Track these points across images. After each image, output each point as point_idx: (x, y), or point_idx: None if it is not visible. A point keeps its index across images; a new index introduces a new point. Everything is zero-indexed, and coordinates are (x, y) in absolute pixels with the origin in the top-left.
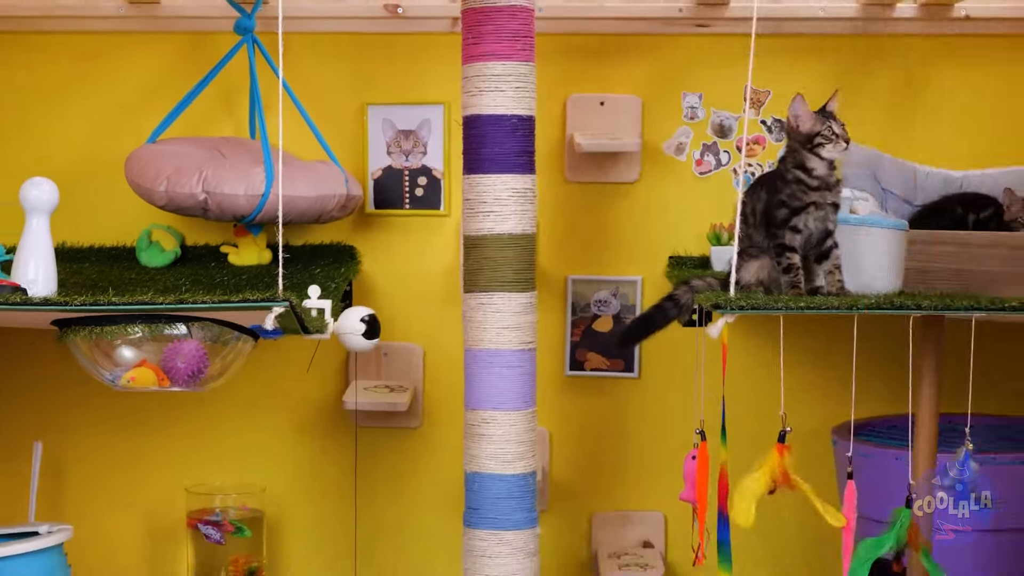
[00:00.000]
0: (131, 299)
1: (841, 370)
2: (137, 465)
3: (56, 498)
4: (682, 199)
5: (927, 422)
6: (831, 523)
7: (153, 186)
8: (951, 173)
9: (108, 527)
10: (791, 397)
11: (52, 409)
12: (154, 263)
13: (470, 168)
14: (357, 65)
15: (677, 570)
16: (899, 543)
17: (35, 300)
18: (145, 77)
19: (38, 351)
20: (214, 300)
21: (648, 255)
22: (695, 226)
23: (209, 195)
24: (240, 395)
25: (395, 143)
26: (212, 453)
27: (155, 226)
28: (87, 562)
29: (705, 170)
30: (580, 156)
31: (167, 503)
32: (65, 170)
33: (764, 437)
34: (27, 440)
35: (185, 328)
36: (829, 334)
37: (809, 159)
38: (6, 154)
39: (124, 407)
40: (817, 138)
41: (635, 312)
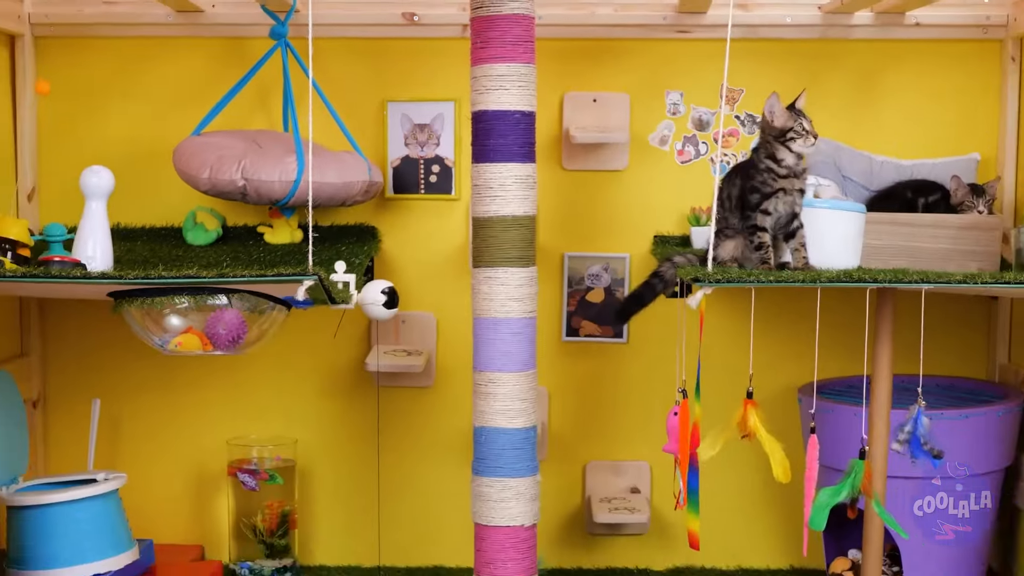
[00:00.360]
0: (178, 273)
1: (805, 336)
2: (183, 420)
3: (112, 449)
4: (665, 185)
5: (882, 382)
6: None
7: (198, 173)
8: (902, 162)
9: (158, 475)
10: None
11: (108, 371)
12: (198, 241)
13: (478, 157)
14: (378, 66)
15: (661, 513)
16: (854, 491)
17: (93, 274)
18: (190, 77)
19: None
20: (251, 274)
21: (635, 234)
22: (677, 209)
23: (247, 181)
24: (275, 358)
25: (412, 135)
26: (250, 410)
27: (199, 209)
28: (140, 506)
29: (686, 159)
30: (575, 147)
31: (210, 454)
32: (120, 159)
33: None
34: (86, 398)
35: (226, 299)
36: (795, 305)
37: (780, 151)
38: (68, 145)
39: (172, 369)
40: (790, 133)
41: (624, 285)
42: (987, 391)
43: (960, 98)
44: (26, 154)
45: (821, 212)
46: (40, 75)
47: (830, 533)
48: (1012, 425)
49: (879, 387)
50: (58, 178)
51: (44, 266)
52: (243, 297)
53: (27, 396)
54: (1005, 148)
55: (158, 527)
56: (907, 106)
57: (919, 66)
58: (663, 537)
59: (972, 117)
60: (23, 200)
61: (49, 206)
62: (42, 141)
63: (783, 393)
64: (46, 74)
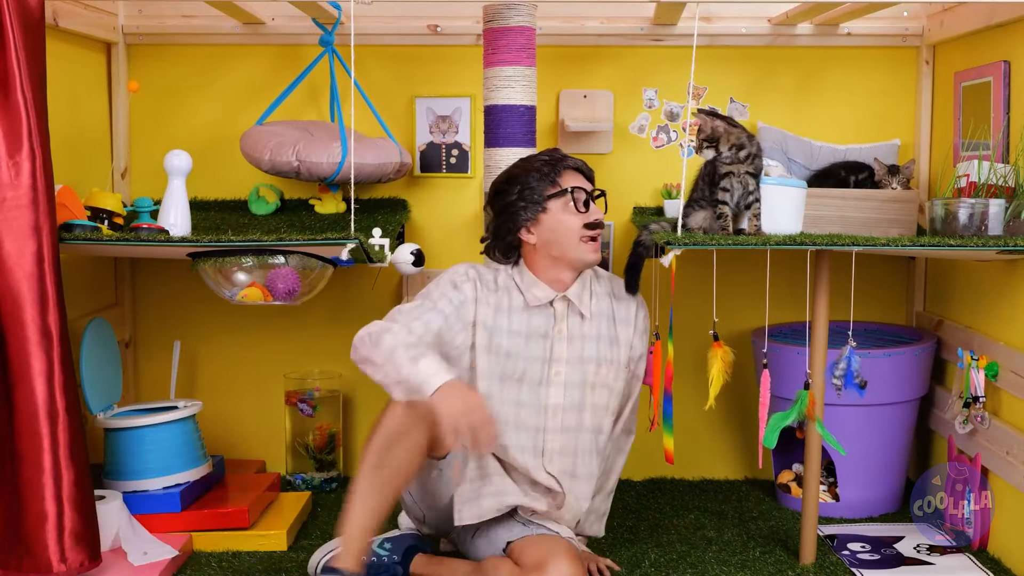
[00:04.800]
0: (244, 237)
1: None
2: (248, 358)
3: (190, 382)
4: (643, 166)
5: (820, 327)
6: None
7: (260, 155)
8: (838, 147)
9: (227, 403)
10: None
11: (187, 317)
12: (260, 212)
13: (489, 143)
14: (408, 68)
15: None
16: (800, 416)
17: (175, 238)
18: (253, 77)
19: (176, 276)
20: (304, 239)
21: (618, 206)
22: (652, 185)
23: (301, 162)
24: (323, 307)
25: (435, 125)
26: (303, 349)
27: (261, 185)
28: (213, 428)
29: (659, 144)
30: (569, 134)
31: (270, 385)
32: (197, 144)
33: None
34: (169, 340)
35: (283, 259)
36: (751, 263)
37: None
38: (154, 133)
39: (239, 316)
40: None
41: (609, 248)
42: (906, 334)
43: (884, 94)
44: (120, 140)
45: (770, 188)
46: (131, 76)
47: (779, 451)
48: (926, 362)
49: (817, 331)
50: (146, 160)
51: (134, 232)
52: (297, 257)
53: (120, 338)
54: (920, 135)
55: (228, 445)
56: (841, 100)
57: (850, 68)
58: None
59: (894, 109)
60: (117, 178)
61: (139, 183)
62: (133, 130)
63: (740, 336)
64: (136, 75)
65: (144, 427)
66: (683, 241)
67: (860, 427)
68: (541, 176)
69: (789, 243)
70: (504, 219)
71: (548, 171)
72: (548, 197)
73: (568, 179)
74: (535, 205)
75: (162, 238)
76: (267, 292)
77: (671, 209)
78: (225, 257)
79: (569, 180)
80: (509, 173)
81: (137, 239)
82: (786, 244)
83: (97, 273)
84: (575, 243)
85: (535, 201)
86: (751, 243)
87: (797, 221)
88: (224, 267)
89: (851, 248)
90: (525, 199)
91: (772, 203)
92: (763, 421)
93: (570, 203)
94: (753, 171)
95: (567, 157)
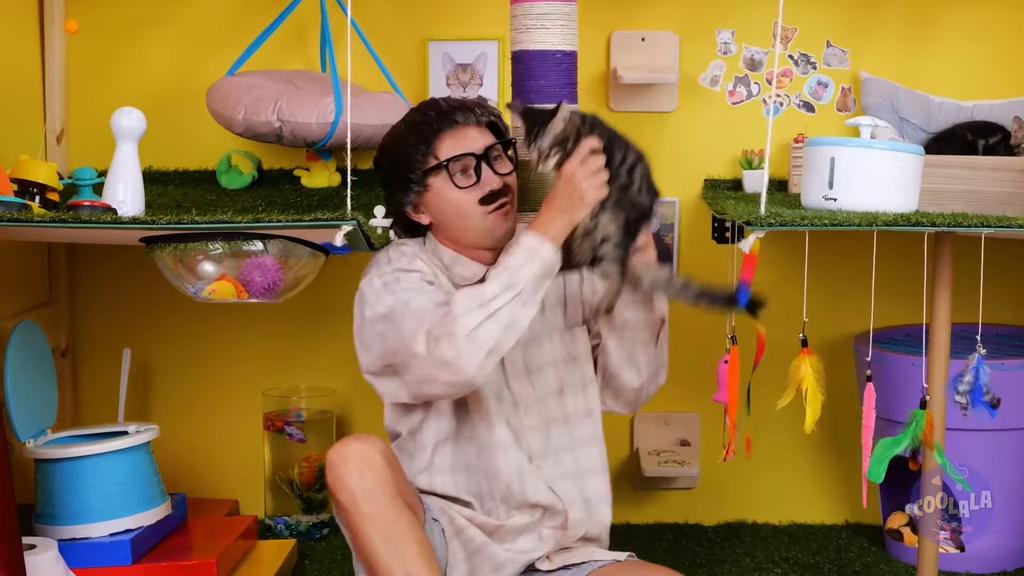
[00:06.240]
0: (212, 218)
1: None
2: (217, 370)
3: (143, 401)
4: (716, 127)
5: (941, 330)
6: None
7: (232, 114)
8: (962, 103)
9: (191, 427)
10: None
11: (140, 319)
12: (233, 185)
13: (518, 99)
14: (418, 3)
15: (710, 466)
16: (915, 442)
17: (125, 219)
18: (225, 15)
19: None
20: (288, 219)
21: (685, 178)
22: (728, 152)
23: (283, 123)
24: (311, 306)
25: (454, 76)
26: (286, 359)
27: (234, 151)
28: (172, 459)
29: (737, 100)
30: (622, 87)
31: (244, 405)
32: (152, 100)
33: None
34: (117, 348)
35: (261, 245)
36: (852, 251)
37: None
38: (98, 86)
39: (206, 317)
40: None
41: (674, 230)
42: None
43: (1020, 37)
44: (55, 95)
45: (877, 153)
46: (68, 14)
47: (887, 487)
48: None
49: (937, 336)
50: (88, 120)
51: (73, 211)
52: (279, 243)
53: (55, 345)
54: None
55: (191, 481)
56: (966, 44)
57: (977, 4)
58: (713, 491)
59: None
60: (51, 142)
61: (78, 149)
62: (71, 81)
63: (838, 342)
64: (75, 13)
65: (85, 458)
66: (767, 220)
67: (991, 457)
68: (412, 146)
69: (901, 223)
70: (387, 199)
71: (419, 138)
72: (425, 173)
73: (448, 143)
74: (412, 184)
75: (108, 219)
76: (241, 287)
77: (752, 181)
78: (188, 243)
79: (449, 144)
80: (383, 142)
81: (76, 220)
82: (898, 224)
83: (26, 263)
84: (476, 220)
85: (411, 180)
86: (853, 223)
87: (911, 196)
88: (187, 255)
89: (980, 231)
90: (400, 177)
91: (879, 173)
92: (867, 449)
93: (453, 177)
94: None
95: (444, 112)
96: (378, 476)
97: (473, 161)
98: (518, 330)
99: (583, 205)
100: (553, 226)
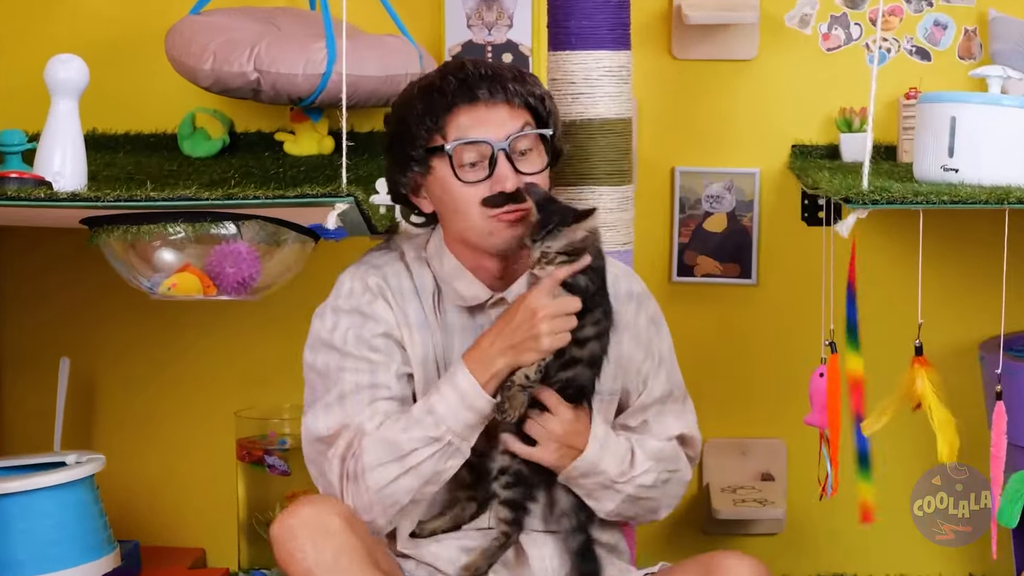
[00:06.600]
0: (172, 194)
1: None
2: (178, 385)
3: (86, 424)
4: (807, 79)
5: None
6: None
7: (198, 64)
8: None
9: (146, 457)
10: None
11: (81, 321)
12: (198, 152)
13: (556, 44)
14: None
15: (800, 507)
16: None
17: (62, 195)
18: None
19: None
20: (268, 195)
21: (767, 144)
22: (821, 110)
23: (262, 74)
24: (296, 305)
25: (476, 14)
26: (264, 371)
27: (200, 110)
28: (124, 499)
29: (833, 45)
30: (689, 29)
31: (213, 430)
32: (97, 46)
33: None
34: (53, 357)
35: (235, 227)
36: (974, 238)
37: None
38: (30, 28)
39: (164, 318)
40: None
41: (753, 208)
42: None
43: None
44: None
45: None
46: None
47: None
48: None
49: None
50: (15, 71)
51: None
52: (256, 225)
53: None
54: None
55: (147, 524)
56: None
57: None
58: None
59: None
60: None
61: (4, 107)
62: None
63: (958, 351)
64: None
65: (11, 496)
66: (870, 197)
67: None
68: (417, 116)
69: None
70: (388, 175)
71: (427, 108)
72: (429, 152)
73: (462, 121)
74: (413, 163)
75: (41, 195)
76: (209, 281)
77: (851, 147)
78: (142, 225)
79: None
80: (395, 102)
81: (2, 196)
82: None
83: None
84: (473, 220)
85: (412, 158)
86: (980, 200)
87: None
88: (140, 241)
89: None
90: (401, 152)
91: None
92: (997, 484)
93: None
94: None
95: (467, 80)
96: (339, 545)
97: (488, 151)
98: (443, 479)
99: (535, 350)
100: (494, 364)
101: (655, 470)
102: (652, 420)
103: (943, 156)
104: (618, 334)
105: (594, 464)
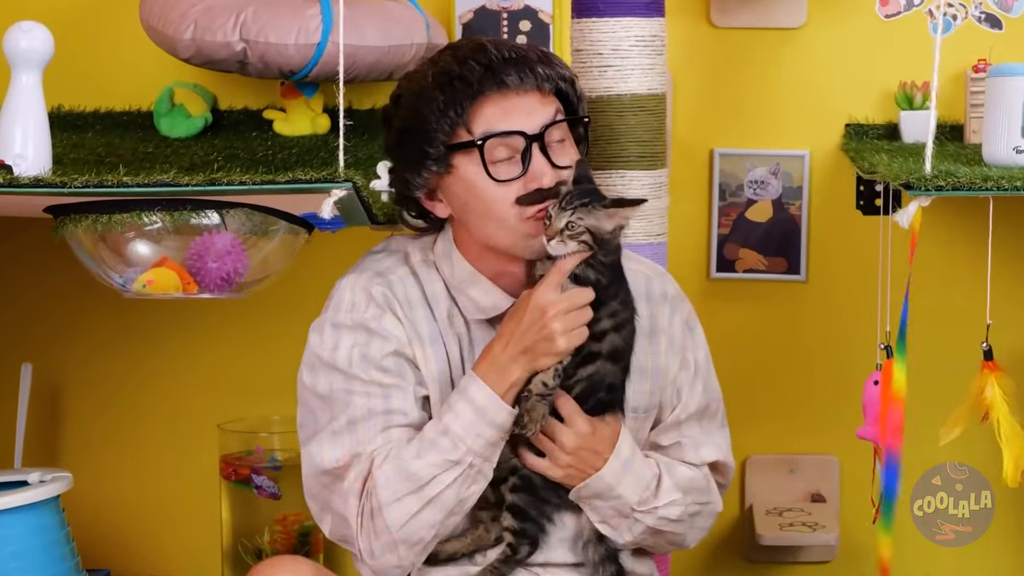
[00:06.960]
0: (147, 179)
1: None
2: (155, 395)
3: (51, 438)
4: (862, 49)
5: None
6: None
7: (176, 33)
8: None
9: (117, 475)
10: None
11: (45, 323)
12: (177, 132)
13: (581, 11)
14: None
15: (854, 531)
16: None
17: (23, 180)
18: None
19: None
20: (255, 180)
21: (818, 123)
22: (879, 84)
23: (249, 44)
24: (287, 304)
25: None
26: (251, 379)
27: (179, 85)
28: (94, 523)
29: (892, 11)
30: None
31: (194, 445)
32: (63, 13)
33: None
34: (14, 363)
35: (218, 217)
36: None
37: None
38: None
39: (138, 319)
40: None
41: (802, 196)
42: None
43: None
44: None
45: None
46: None
47: None
48: None
49: None
50: None
51: None
52: (242, 214)
53: None
54: None
55: (120, 551)
56: None
57: None
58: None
59: None
60: None
61: None
62: None
63: None
64: None
65: None
66: (934, 183)
67: None
68: (439, 110)
69: None
70: (395, 175)
71: (449, 99)
72: (451, 149)
73: (490, 112)
74: (430, 162)
75: (1, 180)
76: (189, 277)
77: (913, 126)
78: (113, 215)
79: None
80: (400, 86)
81: None
82: None
83: None
84: (508, 223)
85: (429, 156)
86: None
87: None
88: (111, 232)
89: None
90: (415, 148)
91: None
92: None
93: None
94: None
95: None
96: None
97: (522, 144)
98: (466, 508)
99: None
100: (510, 372)
101: (682, 503)
102: (687, 442)
103: (1016, 137)
104: (656, 343)
105: (610, 486)
